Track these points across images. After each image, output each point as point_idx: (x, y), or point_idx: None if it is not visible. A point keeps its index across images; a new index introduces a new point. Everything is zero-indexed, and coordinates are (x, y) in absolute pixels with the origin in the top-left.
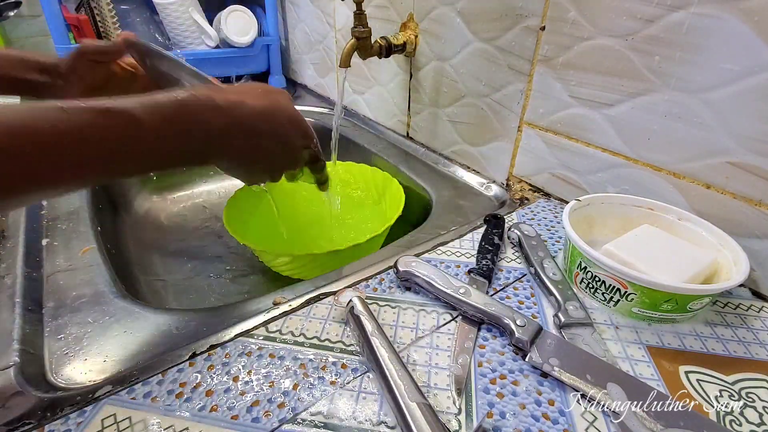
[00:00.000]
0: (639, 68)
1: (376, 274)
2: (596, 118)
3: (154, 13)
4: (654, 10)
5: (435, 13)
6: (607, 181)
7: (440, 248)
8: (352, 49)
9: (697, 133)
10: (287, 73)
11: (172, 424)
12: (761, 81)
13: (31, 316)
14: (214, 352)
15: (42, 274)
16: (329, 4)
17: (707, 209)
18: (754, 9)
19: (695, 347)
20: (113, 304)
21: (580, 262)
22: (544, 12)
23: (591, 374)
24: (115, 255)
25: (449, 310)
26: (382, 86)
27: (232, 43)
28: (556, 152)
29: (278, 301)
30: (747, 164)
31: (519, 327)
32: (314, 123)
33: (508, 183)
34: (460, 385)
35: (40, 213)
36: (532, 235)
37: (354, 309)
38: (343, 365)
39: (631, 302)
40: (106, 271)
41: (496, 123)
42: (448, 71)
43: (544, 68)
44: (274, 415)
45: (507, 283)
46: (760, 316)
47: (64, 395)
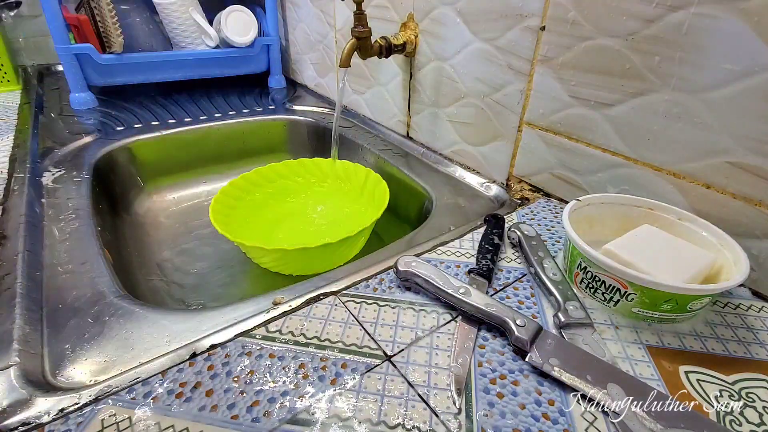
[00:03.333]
0: (639, 68)
1: (376, 274)
2: (596, 118)
3: (154, 13)
4: (654, 10)
5: (435, 13)
6: (607, 181)
7: (440, 248)
8: (352, 49)
9: (697, 133)
10: (287, 73)
11: (172, 424)
12: (761, 81)
13: (31, 316)
14: (214, 352)
15: (42, 274)
16: (329, 4)
17: (707, 209)
18: (754, 9)
19: (695, 347)
20: (113, 304)
21: (580, 262)
22: (544, 12)
23: (591, 374)
24: (115, 255)
25: (449, 310)
26: (382, 86)
27: (232, 43)
28: (556, 152)
29: (278, 301)
30: (747, 164)
31: (519, 327)
32: (314, 123)
33: (508, 183)
34: (460, 385)
35: (40, 213)
36: (532, 235)
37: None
38: (343, 365)
39: (631, 302)
40: (106, 271)
41: (496, 123)
42: (448, 71)
43: (544, 68)
44: (274, 415)
45: (507, 283)
46: (760, 316)
47: (64, 395)
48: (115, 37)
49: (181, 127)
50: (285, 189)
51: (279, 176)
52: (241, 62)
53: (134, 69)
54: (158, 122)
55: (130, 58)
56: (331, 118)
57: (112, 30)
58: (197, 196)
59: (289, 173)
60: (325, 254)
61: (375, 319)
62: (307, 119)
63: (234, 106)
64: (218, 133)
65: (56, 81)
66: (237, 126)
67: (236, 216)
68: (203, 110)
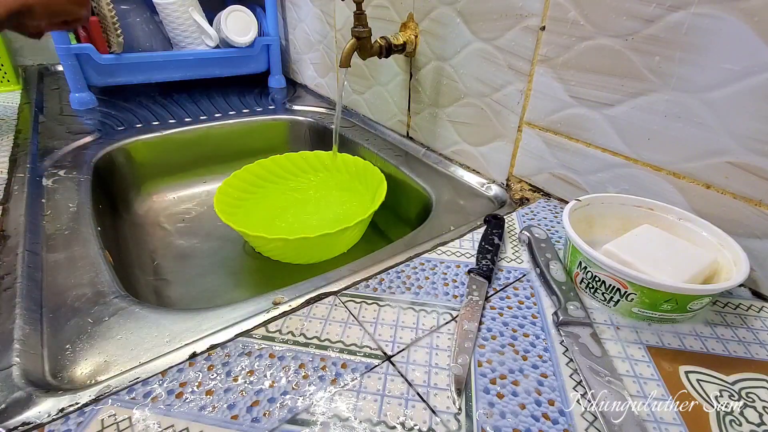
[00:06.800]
0: (639, 68)
1: (376, 274)
2: (596, 118)
3: (154, 13)
4: (654, 10)
5: (435, 13)
6: (607, 181)
7: (440, 248)
8: (352, 49)
9: (697, 133)
10: (287, 73)
11: (172, 424)
12: (761, 81)
13: (31, 316)
14: (214, 352)
15: (42, 274)
16: (329, 4)
17: (707, 209)
18: (754, 9)
19: (695, 347)
20: (113, 304)
21: (580, 262)
22: (544, 12)
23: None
24: (115, 255)
25: (449, 310)
26: (382, 86)
27: (232, 43)
28: (556, 152)
29: (278, 301)
30: (747, 164)
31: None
32: (314, 123)
33: (508, 183)
34: (460, 385)
35: (40, 213)
36: (543, 237)
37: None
38: (343, 365)
39: (631, 302)
40: (106, 271)
41: (496, 123)
42: (448, 71)
43: (544, 68)
44: (274, 415)
45: (507, 283)
46: (760, 316)
47: (64, 395)
48: (115, 38)
49: (181, 127)
50: (287, 180)
51: (281, 168)
52: (241, 62)
53: (134, 69)
54: (158, 122)
55: (129, 58)
56: (331, 118)
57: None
58: (197, 196)
59: (291, 165)
60: (325, 244)
61: (375, 319)
62: (307, 119)
63: (234, 106)
64: (218, 133)
65: (56, 81)
66: (237, 126)
67: (240, 206)
68: (203, 110)
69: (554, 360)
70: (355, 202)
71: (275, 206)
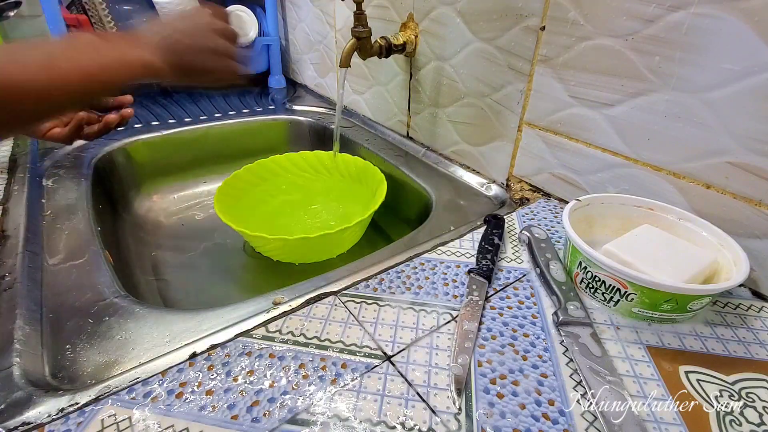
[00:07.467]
0: (639, 68)
1: (376, 274)
2: (596, 118)
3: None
4: (654, 10)
5: (435, 13)
6: (607, 181)
7: (440, 248)
8: (352, 49)
9: (697, 133)
10: (287, 73)
11: (172, 424)
12: (761, 81)
13: (31, 316)
14: (214, 352)
15: (42, 274)
16: (329, 4)
17: (707, 209)
18: (754, 9)
19: (695, 347)
20: (113, 304)
21: (580, 262)
22: (544, 12)
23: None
24: (115, 255)
25: (449, 310)
26: (382, 86)
27: None
28: (556, 152)
29: (278, 301)
30: (747, 164)
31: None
32: (314, 123)
33: (508, 183)
34: (460, 385)
35: (40, 213)
36: (543, 237)
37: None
38: (343, 365)
39: (631, 302)
40: (106, 271)
41: (496, 123)
42: (448, 71)
43: (544, 68)
44: (274, 415)
45: (507, 283)
46: (760, 316)
47: (63, 395)
48: None
49: (181, 127)
50: (287, 180)
51: (281, 168)
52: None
53: None
54: (158, 122)
55: None
56: (331, 118)
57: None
58: (197, 196)
59: (291, 165)
60: (325, 244)
61: (375, 319)
62: (307, 119)
63: (234, 106)
64: (218, 133)
65: None
66: (237, 126)
67: (240, 206)
68: (203, 110)
69: (554, 360)
70: (355, 202)
71: (275, 206)
